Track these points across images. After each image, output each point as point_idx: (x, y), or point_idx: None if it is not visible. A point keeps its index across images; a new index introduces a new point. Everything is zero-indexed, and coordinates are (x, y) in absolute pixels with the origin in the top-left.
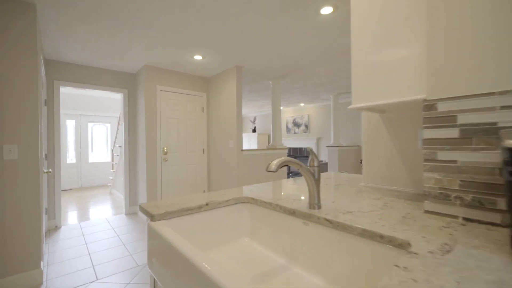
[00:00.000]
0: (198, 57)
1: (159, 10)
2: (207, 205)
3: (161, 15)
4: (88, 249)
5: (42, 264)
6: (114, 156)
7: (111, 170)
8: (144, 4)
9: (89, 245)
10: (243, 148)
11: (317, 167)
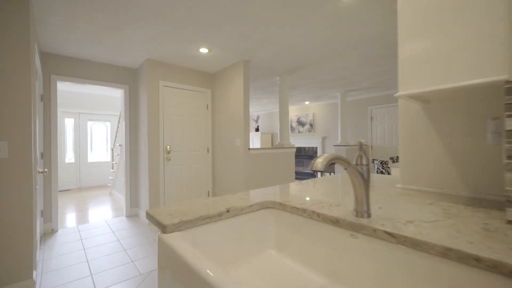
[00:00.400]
0: (204, 50)
1: None
2: (228, 212)
3: (166, 1)
4: (87, 256)
5: (35, 274)
6: (114, 156)
7: (111, 170)
8: None
9: (88, 251)
10: (249, 147)
11: (366, 166)
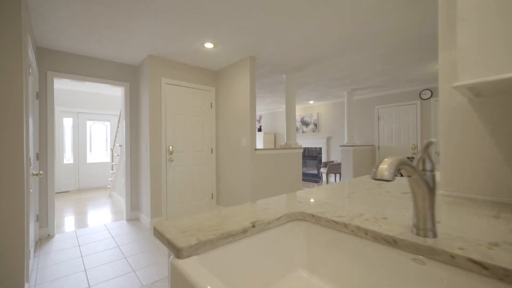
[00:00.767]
0: (209, 45)
1: None
2: (254, 227)
3: None
4: (84, 264)
5: (27, 286)
6: (114, 156)
7: (111, 171)
8: None
9: (86, 259)
10: (255, 148)
11: (431, 173)
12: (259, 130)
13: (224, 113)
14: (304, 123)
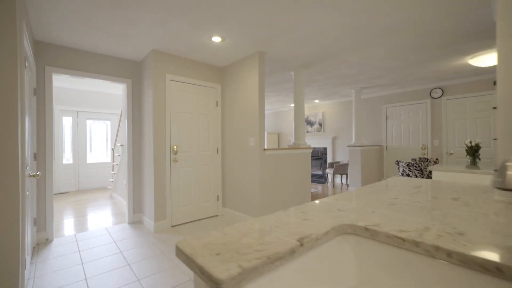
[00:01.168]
0: (217, 39)
1: None
2: (302, 246)
3: None
4: (85, 272)
5: None
6: (115, 156)
7: (112, 172)
8: None
9: (87, 266)
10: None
11: None
12: None
13: (231, 112)
14: (309, 123)
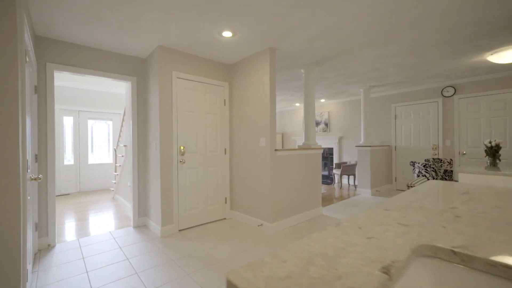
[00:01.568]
0: (227, 34)
1: None
2: (390, 279)
3: None
4: (91, 282)
5: None
6: (118, 157)
7: (114, 173)
8: None
9: (92, 275)
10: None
11: None
12: None
13: (239, 111)
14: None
